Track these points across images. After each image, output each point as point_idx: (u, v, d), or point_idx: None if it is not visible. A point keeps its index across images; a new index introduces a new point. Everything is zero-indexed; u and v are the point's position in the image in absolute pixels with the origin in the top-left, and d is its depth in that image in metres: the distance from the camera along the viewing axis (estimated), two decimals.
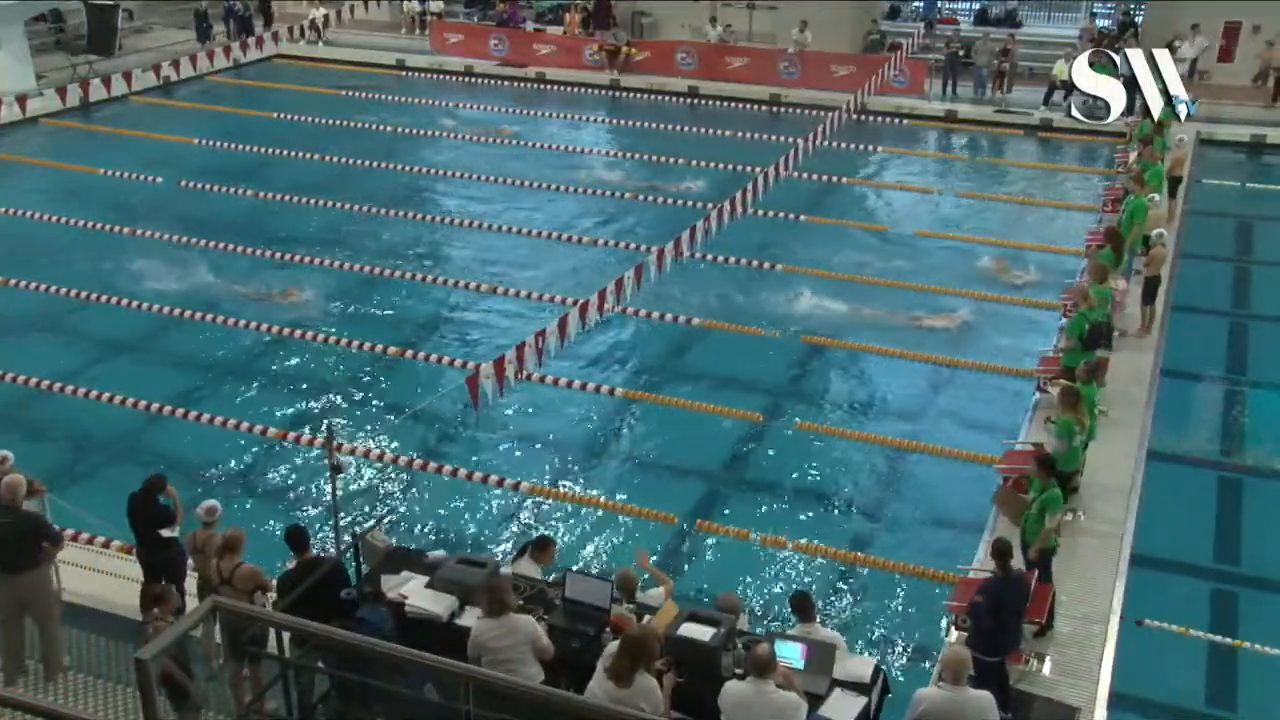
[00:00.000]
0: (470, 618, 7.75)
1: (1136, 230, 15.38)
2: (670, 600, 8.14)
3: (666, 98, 27.36)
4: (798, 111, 25.24)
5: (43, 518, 9.24)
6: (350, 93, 27.24)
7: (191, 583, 9.24)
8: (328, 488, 10.01)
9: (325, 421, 9.91)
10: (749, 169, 20.13)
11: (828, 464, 12.80)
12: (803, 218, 19.54)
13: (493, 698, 6.13)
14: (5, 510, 8.57)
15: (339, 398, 14.10)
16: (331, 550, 8.76)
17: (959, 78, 25.98)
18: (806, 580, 10.86)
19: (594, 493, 12.22)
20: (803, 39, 26.98)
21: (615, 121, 25.60)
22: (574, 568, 9.53)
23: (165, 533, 9.34)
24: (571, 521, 11.81)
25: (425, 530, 11.63)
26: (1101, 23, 27.81)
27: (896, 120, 25.10)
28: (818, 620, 7.98)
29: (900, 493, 12.44)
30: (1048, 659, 9.25)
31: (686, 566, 11.16)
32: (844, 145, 22.18)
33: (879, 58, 26.06)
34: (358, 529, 8.94)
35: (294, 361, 14.95)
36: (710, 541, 11.48)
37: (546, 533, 10.18)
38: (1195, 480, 12.72)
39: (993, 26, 27.74)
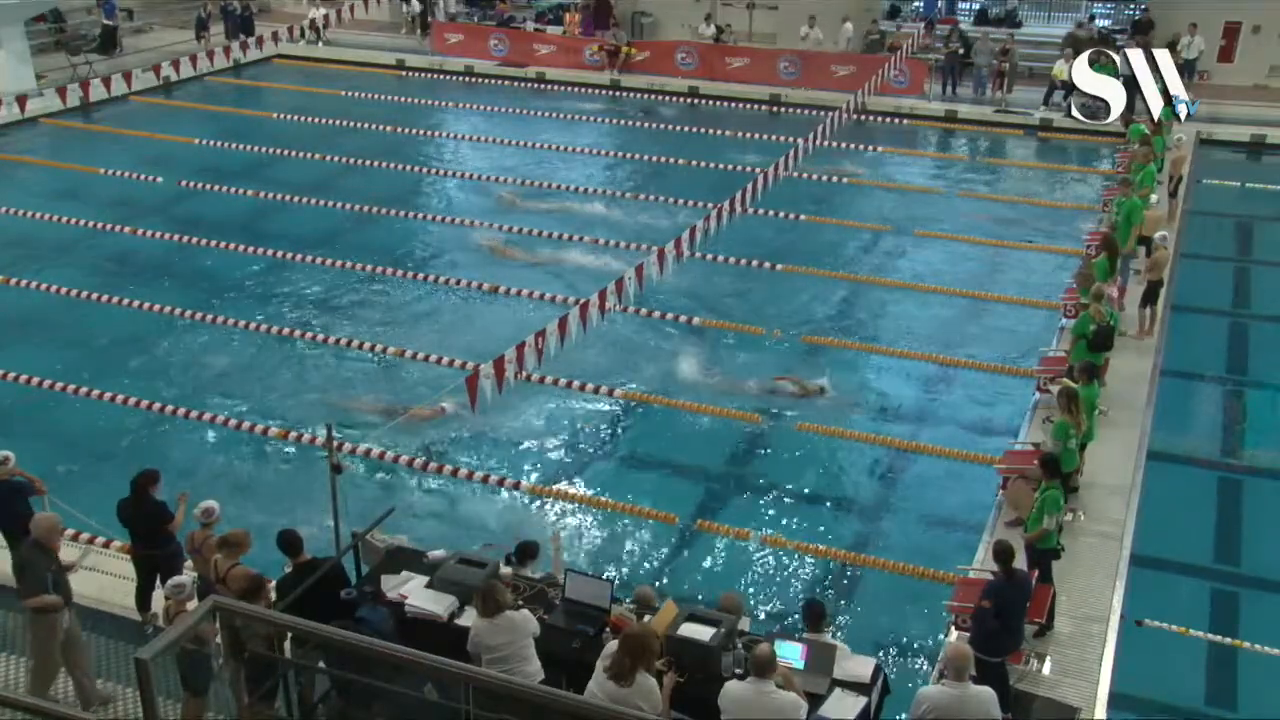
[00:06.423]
0: (470, 617, 7.75)
1: (1135, 231, 15.37)
2: (670, 600, 8.14)
3: (666, 98, 27.36)
4: (798, 111, 25.23)
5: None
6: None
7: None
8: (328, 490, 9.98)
9: (325, 421, 9.90)
10: (749, 169, 20.15)
11: (828, 464, 12.80)
12: (803, 218, 19.53)
13: (493, 698, 6.12)
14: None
15: (339, 397, 14.09)
16: (332, 551, 8.75)
17: (959, 78, 25.96)
18: (807, 580, 10.86)
19: (594, 493, 12.22)
20: (813, 34, 26.98)
21: (615, 121, 25.59)
22: (574, 568, 9.50)
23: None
24: (571, 521, 11.80)
25: (425, 530, 11.61)
26: (1101, 23, 27.75)
27: (896, 120, 25.10)
28: (827, 633, 7.97)
29: (900, 493, 12.43)
30: (1048, 659, 9.24)
31: (687, 566, 11.16)
32: (844, 145, 22.18)
33: (879, 58, 26.04)
34: (358, 529, 8.93)
35: (294, 361, 14.95)
36: (710, 541, 11.47)
37: (528, 540, 9.99)
38: (1195, 480, 12.71)
39: (993, 26, 27.74)
